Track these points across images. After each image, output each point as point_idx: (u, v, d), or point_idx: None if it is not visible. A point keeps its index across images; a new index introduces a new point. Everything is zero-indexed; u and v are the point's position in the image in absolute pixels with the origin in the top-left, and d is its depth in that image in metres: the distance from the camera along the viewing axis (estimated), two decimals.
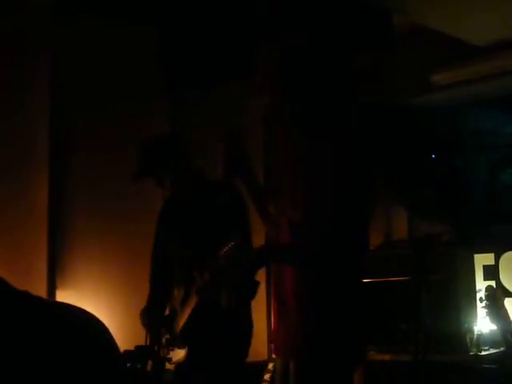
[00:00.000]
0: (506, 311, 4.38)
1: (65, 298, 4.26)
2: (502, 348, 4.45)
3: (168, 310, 3.54)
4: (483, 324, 4.64)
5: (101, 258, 4.58)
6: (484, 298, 4.47)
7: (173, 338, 3.36)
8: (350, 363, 2.41)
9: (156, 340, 3.41)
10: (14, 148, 4.37)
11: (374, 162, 4.86)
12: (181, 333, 3.32)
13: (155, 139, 3.50)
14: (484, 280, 4.90)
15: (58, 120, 4.50)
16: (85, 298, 4.34)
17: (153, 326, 3.44)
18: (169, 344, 3.37)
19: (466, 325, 4.63)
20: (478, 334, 4.58)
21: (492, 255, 4.98)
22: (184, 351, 3.34)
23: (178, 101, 5.16)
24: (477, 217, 5.60)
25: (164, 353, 3.37)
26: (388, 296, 4.87)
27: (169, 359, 3.35)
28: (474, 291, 4.80)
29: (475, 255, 4.98)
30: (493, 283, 4.78)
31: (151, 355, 3.39)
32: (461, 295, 4.74)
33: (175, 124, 4.98)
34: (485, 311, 4.45)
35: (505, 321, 4.31)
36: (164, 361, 3.36)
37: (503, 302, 4.45)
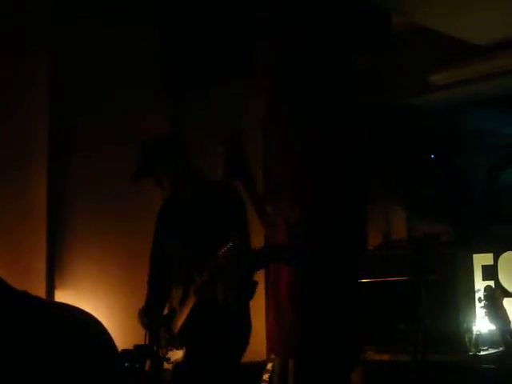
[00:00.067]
0: (505, 311, 4.39)
1: (64, 298, 4.27)
2: (501, 348, 4.45)
3: (167, 310, 3.54)
4: (482, 324, 4.64)
5: (100, 258, 4.58)
6: (483, 298, 4.47)
7: (171, 338, 3.37)
8: (347, 363, 2.42)
9: (155, 340, 3.41)
10: (14, 147, 4.37)
11: (374, 162, 4.88)
12: (179, 333, 3.32)
13: (155, 139, 3.50)
14: (483, 280, 4.90)
15: (58, 120, 4.50)
16: (84, 298, 4.35)
17: (152, 326, 3.44)
18: (167, 344, 3.37)
19: (465, 325, 4.64)
20: (477, 334, 4.58)
21: (491, 255, 4.98)
22: (182, 351, 3.34)
23: (178, 101, 5.16)
24: (476, 217, 5.60)
25: (163, 352, 3.37)
26: (387, 296, 4.87)
27: (167, 359, 3.35)
28: (473, 291, 4.80)
29: (474, 255, 4.98)
30: (492, 283, 4.78)
31: (150, 355, 3.40)
32: (460, 295, 4.74)
33: (175, 124, 4.98)
34: (484, 311, 4.45)
35: (504, 321, 4.31)
36: (162, 360, 3.36)
37: (502, 302, 4.45)
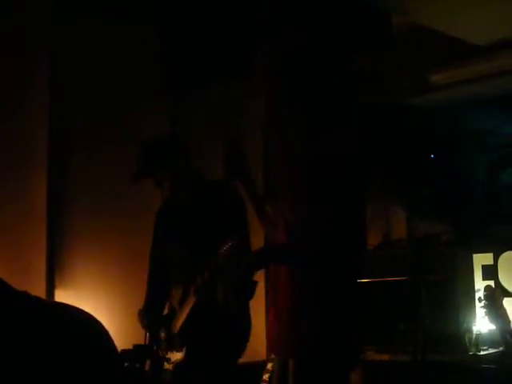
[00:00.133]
0: (505, 311, 4.39)
1: (63, 298, 4.26)
2: (501, 348, 4.46)
3: (167, 310, 3.54)
4: (482, 324, 4.64)
5: (100, 258, 4.57)
6: (483, 298, 4.47)
7: (171, 338, 3.37)
8: (347, 363, 2.42)
9: (155, 340, 3.41)
10: (14, 147, 4.37)
11: (374, 162, 4.88)
12: (179, 332, 3.32)
13: (155, 140, 3.50)
14: (483, 280, 4.90)
15: (58, 120, 4.49)
16: (84, 298, 4.35)
17: (151, 326, 3.44)
18: (167, 346, 3.37)
19: (465, 325, 4.64)
20: (477, 334, 4.59)
21: (491, 255, 4.98)
22: (182, 353, 3.34)
23: (178, 101, 5.16)
24: (476, 217, 5.60)
25: (163, 353, 3.37)
26: (386, 296, 4.87)
27: (167, 359, 3.35)
28: (473, 291, 4.80)
29: (474, 255, 4.98)
30: (492, 283, 4.78)
31: (150, 355, 3.39)
32: (460, 295, 4.74)
33: (175, 124, 4.98)
34: (484, 311, 4.45)
35: (503, 320, 4.32)
36: (162, 360, 3.36)
37: (502, 302, 4.45)
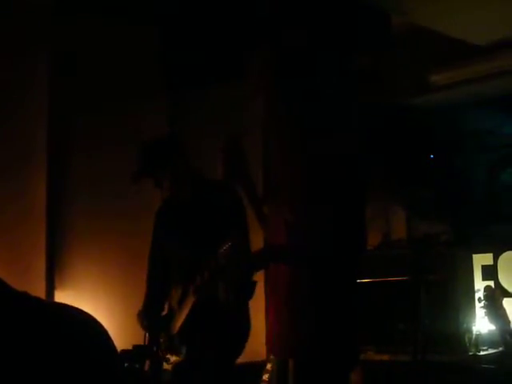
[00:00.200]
0: (505, 311, 4.40)
1: (63, 299, 4.26)
2: (501, 348, 4.46)
3: (166, 310, 3.54)
4: (482, 324, 4.64)
5: (100, 258, 4.57)
6: (483, 298, 4.48)
7: (170, 339, 3.36)
8: (347, 363, 2.42)
9: (154, 340, 3.41)
10: (13, 147, 4.37)
11: (374, 162, 4.88)
12: (178, 333, 3.32)
13: (155, 140, 3.50)
14: (483, 280, 4.90)
15: (58, 119, 4.49)
16: (83, 299, 4.34)
17: (151, 327, 3.44)
18: (166, 348, 3.36)
19: (465, 325, 4.64)
20: (477, 334, 4.59)
21: (491, 255, 4.98)
22: (181, 355, 3.34)
23: (178, 101, 5.16)
24: (476, 217, 5.60)
25: (162, 353, 3.37)
26: (386, 296, 4.88)
27: (167, 359, 3.35)
28: (473, 291, 4.80)
29: (474, 255, 4.98)
30: (491, 283, 4.79)
31: (149, 355, 3.39)
32: (459, 295, 4.74)
33: (174, 124, 4.98)
34: (483, 311, 4.46)
35: (503, 321, 4.32)
36: (162, 361, 3.36)
37: (502, 302, 4.46)
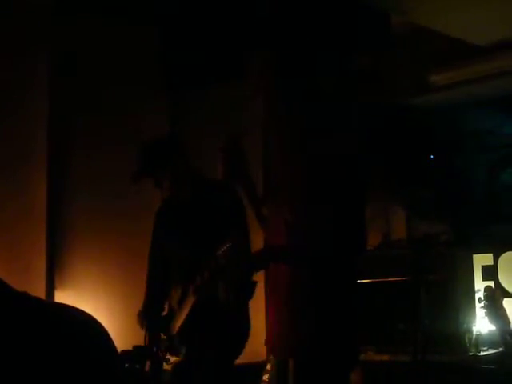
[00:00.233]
0: (505, 311, 4.39)
1: (63, 298, 4.26)
2: (501, 348, 4.46)
3: (166, 310, 3.54)
4: (482, 324, 4.64)
5: (100, 258, 4.57)
6: (483, 299, 4.47)
7: (170, 339, 3.36)
8: (346, 363, 2.42)
9: (154, 341, 3.40)
10: (13, 147, 4.37)
11: (374, 162, 4.88)
12: (178, 333, 3.32)
13: (155, 140, 3.50)
14: (483, 280, 4.89)
15: (58, 119, 4.49)
16: (83, 298, 4.34)
17: (151, 327, 3.44)
18: (166, 349, 3.36)
19: (465, 325, 4.64)
20: (477, 335, 4.58)
21: (491, 255, 4.98)
22: (181, 355, 3.34)
23: (178, 101, 5.16)
24: (476, 217, 5.60)
25: (162, 353, 3.37)
26: (386, 296, 4.87)
27: (167, 360, 3.35)
28: (473, 291, 4.80)
29: (474, 255, 4.97)
30: (491, 283, 4.78)
31: (149, 355, 3.39)
32: (459, 295, 4.74)
33: (175, 124, 4.98)
34: (483, 311, 4.46)
35: (503, 321, 4.32)
36: (162, 361, 3.36)
37: (502, 303, 4.46)
